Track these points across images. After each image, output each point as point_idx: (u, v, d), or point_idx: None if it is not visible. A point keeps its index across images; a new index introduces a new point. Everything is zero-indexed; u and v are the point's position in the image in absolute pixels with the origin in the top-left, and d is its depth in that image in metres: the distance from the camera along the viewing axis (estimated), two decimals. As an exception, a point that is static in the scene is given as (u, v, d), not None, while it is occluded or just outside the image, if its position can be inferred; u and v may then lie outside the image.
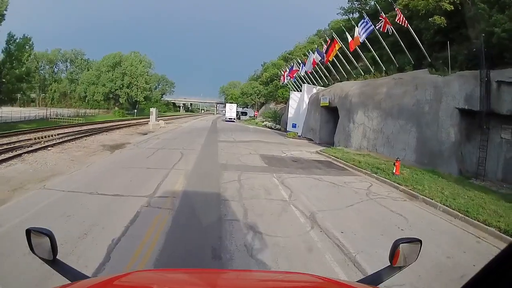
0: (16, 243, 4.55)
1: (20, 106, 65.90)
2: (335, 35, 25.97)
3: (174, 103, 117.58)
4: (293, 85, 44.09)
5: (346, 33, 24.52)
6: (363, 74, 25.42)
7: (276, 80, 55.81)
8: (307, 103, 29.27)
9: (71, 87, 77.45)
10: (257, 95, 58.95)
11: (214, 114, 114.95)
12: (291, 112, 34.98)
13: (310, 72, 34.66)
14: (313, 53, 30.86)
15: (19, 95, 36.70)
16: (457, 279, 4.59)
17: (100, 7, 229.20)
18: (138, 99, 66.67)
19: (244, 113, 65.12)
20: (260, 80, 63.81)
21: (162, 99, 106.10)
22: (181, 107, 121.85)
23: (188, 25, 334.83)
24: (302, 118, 29.51)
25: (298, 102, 33.35)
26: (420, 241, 1.72)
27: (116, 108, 66.19)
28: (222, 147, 17.62)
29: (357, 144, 19.36)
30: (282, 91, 53.48)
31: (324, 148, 20.63)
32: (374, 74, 23.80)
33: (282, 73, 45.83)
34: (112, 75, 64.99)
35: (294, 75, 38.96)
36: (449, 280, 4.81)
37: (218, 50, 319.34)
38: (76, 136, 20.60)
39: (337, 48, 25.81)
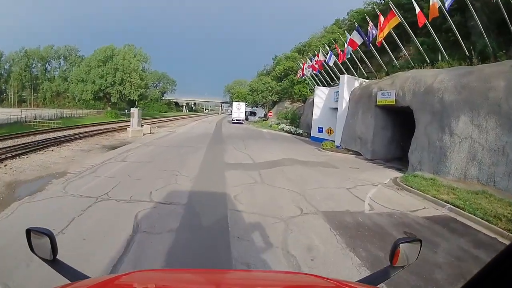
0: None
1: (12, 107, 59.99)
2: (392, 5, 17.35)
3: (176, 103, 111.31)
4: (312, 79, 36.06)
5: (414, 2, 16.10)
6: (428, 61, 17.25)
7: (292, 74, 47.59)
8: (347, 100, 20.68)
9: (64, 85, 70.01)
10: (269, 92, 50.35)
11: (219, 114, 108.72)
12: (316, 113, 26.64)
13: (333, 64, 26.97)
14: (349, 34, 22.69)
15: None
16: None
17: (99, 4, 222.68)
18: (132, 98, 58.14)
19: (253, 113, 57.32)
20: (272, 75, 55.31)
21: (163, 98, 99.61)
22: (184, 106, 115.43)
23: (191, 22, 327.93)
24: (340, 121, 20.94)
25: (325, 100, 25.42)
26: (421, 241, 1.67)
27: (109, 108, 57.93)
28: (235, 188, 8.94)
29: (459, 171, 11.27)
30: (299, 87, 45.24)
31: (399, 174, 12.67)
32: (448, 62, 16.14)
33: (301, 65, 37.57)
34: (103, 71, 56.50)
35: (318, 67, 30.53)
36: None
37: (223, 47, 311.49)
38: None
39: (394, 24, 17.46)
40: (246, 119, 52.20)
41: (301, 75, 37.75)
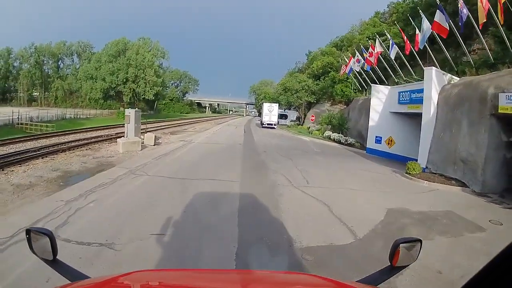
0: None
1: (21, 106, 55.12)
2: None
3: (199, 103, 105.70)
4: (359, 77, 29.96)
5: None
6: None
7: (332, 71, 39.77)
8: (435, 103, 13.87)
9: (77, 84, 64.61)
10: (305, 91, 42.57)
11: (243, 115, 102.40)
12: (373, 118, 20.90)
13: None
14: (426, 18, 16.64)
15: None
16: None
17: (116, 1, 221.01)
18: (147, 97, 51.44)
19: (284, 116, 49.60)
20: (308, 73, 47.51)
21: (184, 98, 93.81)
22: (207, 107, 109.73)
23: (215, 22, 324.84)
24: (426, 133, 14.22)
25: (385, 102, 20.11)
26: (420, 241, 1.61)
27: (122, 109, 51.61)
28: None
29: None
30: (341, 87, 37.39)
31: None
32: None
33: (346, 60, 30.34)
34: (113, 67, 50.05)
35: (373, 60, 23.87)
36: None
37: (248, 48, 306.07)
38: None
39: None
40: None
41: (346, 71, 30.37)
